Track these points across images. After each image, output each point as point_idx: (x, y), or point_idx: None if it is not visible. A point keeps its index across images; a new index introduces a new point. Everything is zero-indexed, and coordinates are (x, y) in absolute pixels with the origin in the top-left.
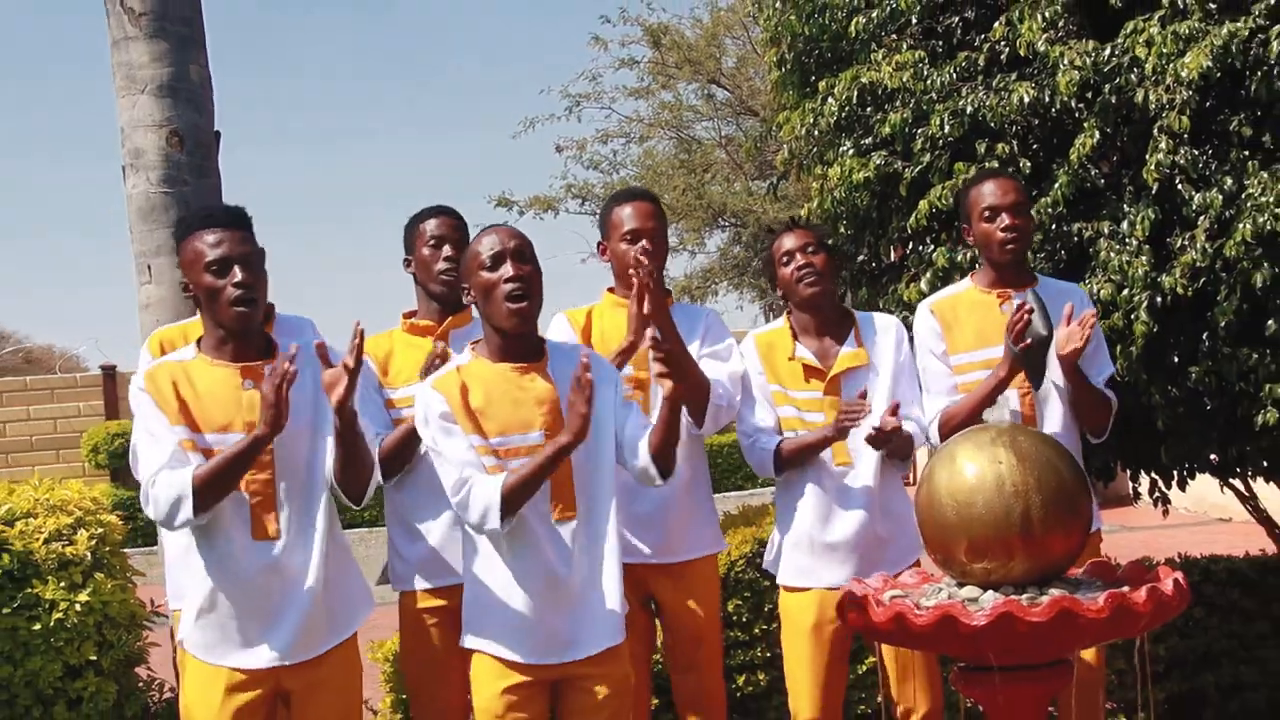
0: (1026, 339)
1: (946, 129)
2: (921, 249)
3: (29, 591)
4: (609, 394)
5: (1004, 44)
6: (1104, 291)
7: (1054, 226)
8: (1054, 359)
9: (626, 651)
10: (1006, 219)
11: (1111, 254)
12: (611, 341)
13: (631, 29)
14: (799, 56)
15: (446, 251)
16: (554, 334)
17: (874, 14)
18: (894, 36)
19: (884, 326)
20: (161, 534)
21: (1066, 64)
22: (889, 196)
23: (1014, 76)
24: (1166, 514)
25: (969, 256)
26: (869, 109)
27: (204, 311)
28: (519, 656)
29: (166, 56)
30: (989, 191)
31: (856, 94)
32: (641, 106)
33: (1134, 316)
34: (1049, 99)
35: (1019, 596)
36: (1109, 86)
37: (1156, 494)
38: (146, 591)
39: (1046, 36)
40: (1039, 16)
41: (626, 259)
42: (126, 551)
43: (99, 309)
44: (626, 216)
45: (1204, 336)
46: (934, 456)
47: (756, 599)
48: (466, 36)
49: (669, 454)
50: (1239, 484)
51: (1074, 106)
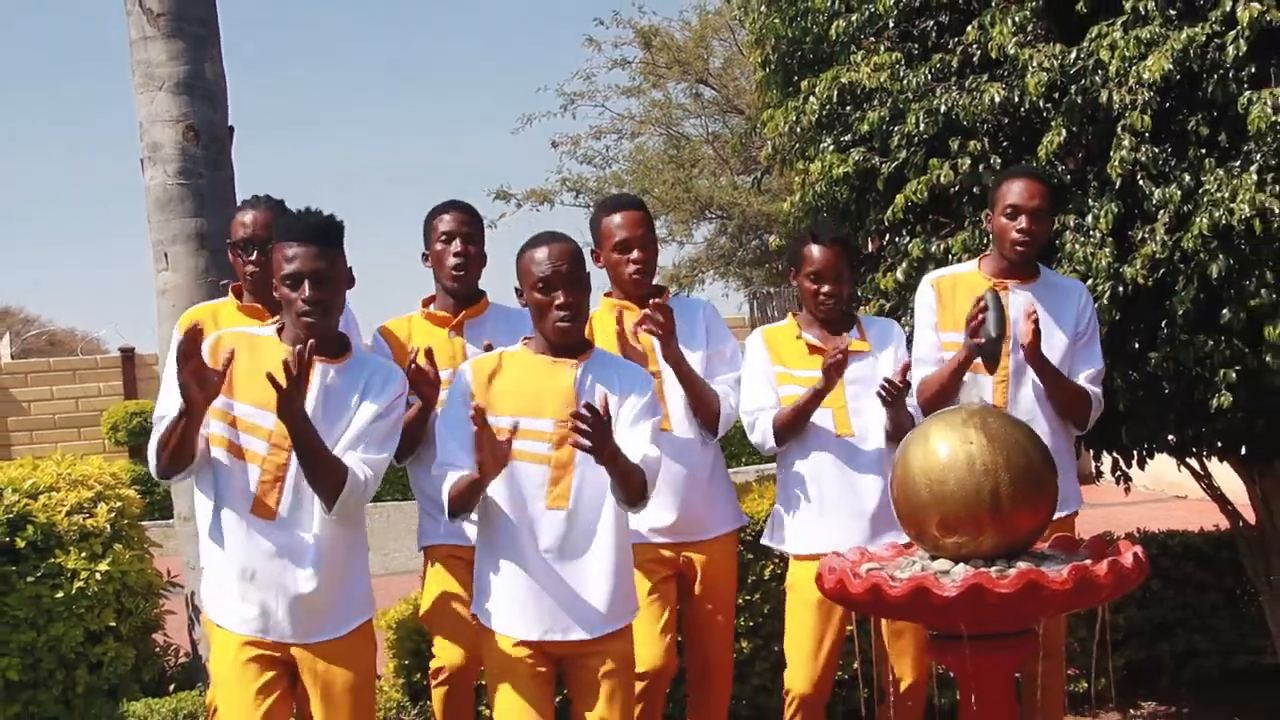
0: (980, 336)
1: (922, 127)
2: (898, 240)
3: (52, 561)
4: (628, 401)
5: (976, 47)
6: None
7: None
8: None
9: (629, 631)
10: (1025, 221)
11: (1077, 246)
12: (608, 342)
13: (624, 31)
14: (782, 58)
15: (456, 247)
16: None
17: (853, 18)
18: (872, 39)
19: (886, 328)
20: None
21: (1035, 66)
22: (867, 190)
23: (985, 78)
24: (1128, 491)
25: (942, 248)
26: (848, 108)
27: (283, 315)
28: (517, 634)
29: (183, 55)
30: (1017, 190)
31: (836, 93)
32: (633, 104)
33: (1097, 305)
34: (1018, 99)
35: (988, 569)
36: (1075, 87)
37: (1118, 472)
38: (163, 562)
39: (1016, 40)
40: (1009, 21)
41: (620, 267)
42: (144, 524)
43: (119, 294)
44: (616, 226)
45: (1163, 324)
46: (908, 436)
47: (741, 571)
48: (468, 37)
49: (624, 495)
50: (1195, 463)
51: (1042, 106)
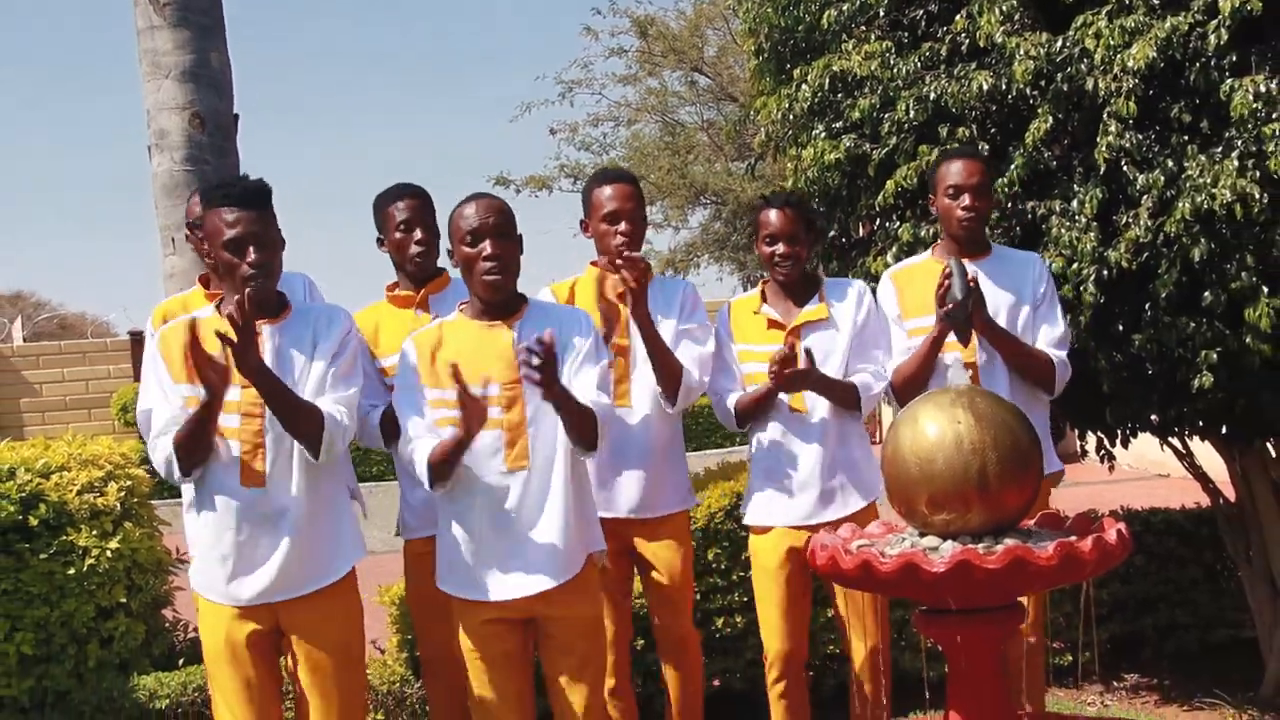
0: (948, 303)
1: (911, 114)
2: (888, 225)
3: (64, 539)
4: (572, 346)
5: (965, 35)
6: (1055, 265)
7: (1010, 205)
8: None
9: (594, 592)
10: (968, 199)
11: (1062, 230)
12: (594, 311)
13: (620, 20)
14: (775, 46)
15: (417, 235)
16: None
17: (845, 7)
18: (863, 28)
19: (847, 288)
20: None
21: (1022, 54)
22: (858, 176)
23: (974, 66)
24: (1111, 470)
25: (931, 232)
26: (840, 95)
27: (223, 280)
28: (481, 595)
29: (189, 44)
30: (955, 171)
31: (828, 81)
32: (629, 92)
33: (1082, 288)
34: (1006, 87)
35: (976, 546)
36: (1061, 75)
37: (1102, 451)
38: (172, 540)
39: (1004, 29)
40: (997, 10)
41: (607, 238)
42: (153, 503)
43: (127, 278)
44: (606, 198)
45: (1146, 307)
46: (898, 416)
47: (734, 548)
48: (469, 26)
49: (578, 437)
50: (1177, 442)
51: (1029, 94)
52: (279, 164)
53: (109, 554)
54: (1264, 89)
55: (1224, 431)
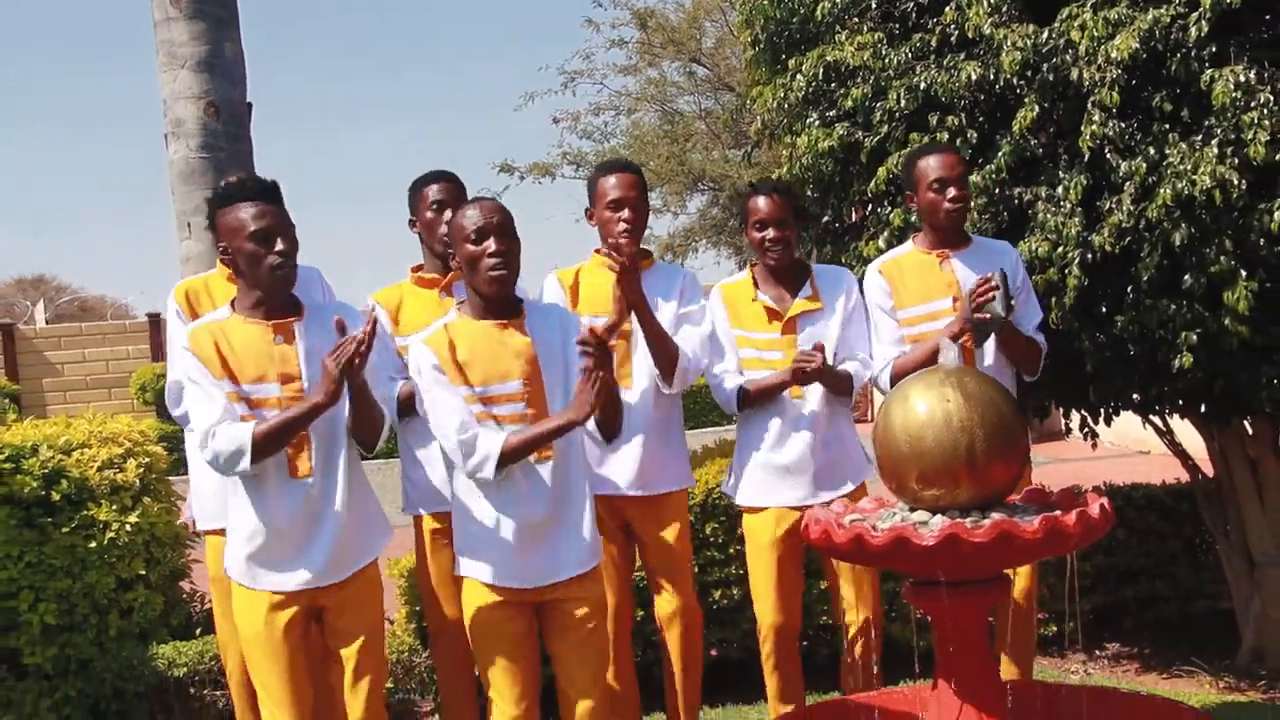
0: (985, 312)
1: (902, 103)
2: (880, 210)
3: (85, 513)
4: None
5: (954, 27)
6: (1041, 249)
7: (997, 191)
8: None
9: (600, 573)
10: (953, 191)
11: (1048, 216)
12: (598, 297)
13: (621, 12)
14: (770, 37)
15: (448, 215)
16: (547, 290)
17: None
18: (856, 19)
19: (836, 276)
20: (191, 463)
21: (1009, 45)
22: (850, 163)
23: (962, 56)
24: (1095, 447)
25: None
26: (833, 85)
27: (243, 275)
28: (502, 582)
29: (204, 35)
30: (937, 165)
31: (822, 71)
32: (630, 82)
33: (1067, 271)
34: (993, 76)
35: (964, 520)
36: (1047, 66)
37: (1085, 429)
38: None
39: (991, 20)
40: (985, 2)
41: (610, 225)
42: (170, 479)
43: (145, 263)
44: (610, 187)
45: (1128, 289)
46: (889, 395)
47: (731, 522)
48: (474, 18)
49: (606, 424)
50: (1158, 420)
51: (1016, 83)
52: (283, 154)
53: (128, 528)
54: (1243, 79)
55: (1203, 410)
